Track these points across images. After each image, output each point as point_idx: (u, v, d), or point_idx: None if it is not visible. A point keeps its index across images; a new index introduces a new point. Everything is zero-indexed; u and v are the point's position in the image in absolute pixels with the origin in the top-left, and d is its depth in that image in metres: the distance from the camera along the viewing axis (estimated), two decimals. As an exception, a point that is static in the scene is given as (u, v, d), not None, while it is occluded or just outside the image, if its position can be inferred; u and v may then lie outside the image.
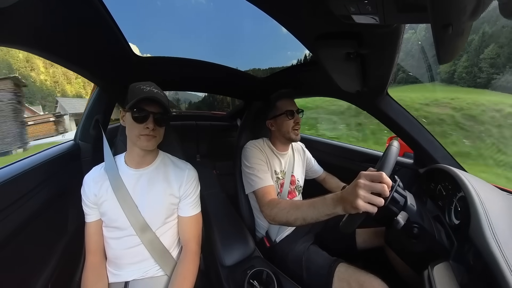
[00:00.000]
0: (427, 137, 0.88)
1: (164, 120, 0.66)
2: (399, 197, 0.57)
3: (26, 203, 0.66)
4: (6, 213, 0.59)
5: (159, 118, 0.64)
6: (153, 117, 0.62)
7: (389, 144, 0.61)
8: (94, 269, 0.67)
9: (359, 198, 0.46)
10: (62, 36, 0.61)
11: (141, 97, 0.60)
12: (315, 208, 0.59)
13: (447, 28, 0.29)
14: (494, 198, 0.56)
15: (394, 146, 0.59)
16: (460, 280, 0.49)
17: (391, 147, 0.59)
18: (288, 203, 0.69)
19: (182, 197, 0.73)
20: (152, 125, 0.62)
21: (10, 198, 0.61)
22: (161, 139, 0.69)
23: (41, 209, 0.72)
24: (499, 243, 0.41)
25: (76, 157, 0.99)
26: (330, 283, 0.65)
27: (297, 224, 0.64)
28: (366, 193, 0.46)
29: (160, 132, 0.66)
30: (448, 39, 0.32)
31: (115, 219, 0.66)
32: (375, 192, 0.46)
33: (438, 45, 0.33)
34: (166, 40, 23.92)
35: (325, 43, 0.52)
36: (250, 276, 0.59)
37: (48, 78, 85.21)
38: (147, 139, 0.63)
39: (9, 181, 0.61)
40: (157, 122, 0.64)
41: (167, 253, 0.71)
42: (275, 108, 0.94)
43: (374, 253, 0.85)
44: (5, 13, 0.43)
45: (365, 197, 0.46)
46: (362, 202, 0.46)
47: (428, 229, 0.59)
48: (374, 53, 0.53)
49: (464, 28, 0.30)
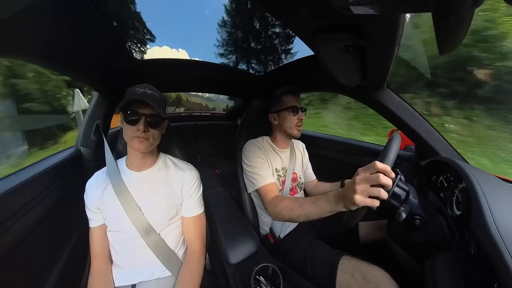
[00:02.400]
0: (428, 129, 0.88)
1: (157, 122, 0.64)
2: (400, 191, 0.58)
3: (30, 210, 0.66)
4: (11, 221, 0.59)
5: (151, 120, 0.63)
6: (144, 119, 0.61)
7: (390, 138, 0.61)
8: (100, 274, 0.67)
9: (356, 193, 0.47)
10: (60, 43, 0.61)
11: (130, 99, 0.60)
12: (317, 205, 0.61)
13: (448, 16, 0.29)
14: (496, 189, 0.56)
15: (395, 139, 0.59)
16: (461, 269, 0.50)
17: (392, 140, 0.58)
18: (291, 201, 0.71)
19: (184, 197, 0.74)
20: (143, 127, 0.61)
21: (14, 207, 0.61)
22: (157, 141, 0.68)
23: (45, 216, 0.73)
24: (500, 233, 0.41)
25: (78, 163, 0.99)
26: (334, 275, 0.66)
27: (300, 221, 0.66)
28: (364, 187, 0.47)
29: (153, 134, 0.65)
30: (449, 28, 0.31)
31: (119, 222, 0.66)
32: (375, 184, 0.46)
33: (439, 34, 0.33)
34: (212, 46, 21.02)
35: (323, 37, 0.52)
36: (256, 272, 0.60)
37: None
38: (139, 141, 0.62)
39: (13, 190, 0.62)
40: (149, 124, 0.63)
41: (173, 254, 0.71)
42: (280, 102, 0.94)
43: (377, 246, 0.85)
44: (3, 24, 0.42)
45: (362, 191, 0.46)
46: (359, 197, 0.46)
47: (429, 220, 0.59)
48: (374, 45, 0.52)
49: (466, 16, 0.30)
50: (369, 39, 0.49)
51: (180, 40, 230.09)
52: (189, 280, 0.66)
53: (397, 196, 0.57)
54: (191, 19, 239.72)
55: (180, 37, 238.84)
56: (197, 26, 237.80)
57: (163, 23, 18.37)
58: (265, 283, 0.58)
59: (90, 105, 1.04)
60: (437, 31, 0.32)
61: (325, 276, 0.69)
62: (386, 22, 0.42)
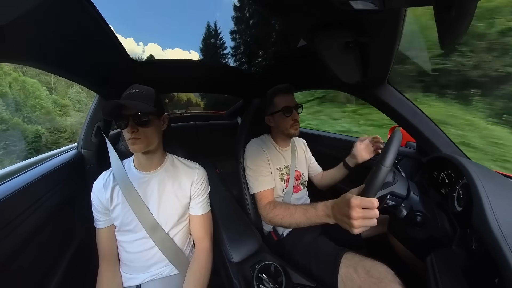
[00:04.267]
0: (430, 125, 0.87)
1: (144, 120, 0.62)
2: (396, 199, 0.61)
3: (33, 213, 0.66)
4: (15, 224, 0.59)
5: (137, 119, 0.61)
6: (132, 120, 0.61)
7: (391, 135, 0.60)
8: (108, 274, 0.67)
9: (354, 228, 0.51)
10: (58, 47, 0.61)
11: (112, 107, 0.58)
12: (307, 217, 0.65)
13: (450, 9, 0.28)
14: (497, 185, 0.56)
15: (396, 137, 0.59)
16: (462, 265, 0.50)
17: (393, 138, 0.58)
18: (283, 209, 0.74)
19: (193, 196, 0.74)
20: (130, 128, 0.60)
21: (18, 210, 0.61)
22: (153, 139, 0.66)
23: (49, 218, 0.73)
24: (501, 228, 0.41)
25: (80, 165, 0.99)
26: (337, 269, 0.67)
27: (292, 228, 0.71)
28: (360, 222, 0.50)
29: (146, 132, 0.63)
30: (451, 21, 0.31)
31: (128, 222, 0.66)
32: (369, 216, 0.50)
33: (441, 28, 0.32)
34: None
35: (322, 33, 0.51)
36: (258, 270, 0.60)
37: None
38: (132, 143, 0.62)
39: (15, 193, 0.62)
40: (137, 123, 0.61)
41: (180, 252, 0.72)
42: (272, 104, 0.93)
43: (378, 240, 0.86)
44: (3, 30, 0.42)
45: (359, 225, 0.50)
46: (358, 230, 0.51)
47: (431, 217, 0.59)
48: (374, 41, 0.51)
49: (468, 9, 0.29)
50: (370, 35, 0.49)
51: (191, 42, 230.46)
52: (199, 276, 0.67)
53: (393, 202, 0.60)
54: (201, 21, 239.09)
55: (192, 39, 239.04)
56: (208, 28, 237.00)
57: (174, 25, 18.08)
58: (268, 281, 0.58)
59: (90, 108, 1.04)
60: (438, 25, 0.32)
61: (328, 269, 0.69)
62: (387, 17, 0.42)
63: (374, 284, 0.58)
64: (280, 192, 0.94)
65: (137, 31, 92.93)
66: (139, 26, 43.99)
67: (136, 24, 36.50)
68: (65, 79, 0.81)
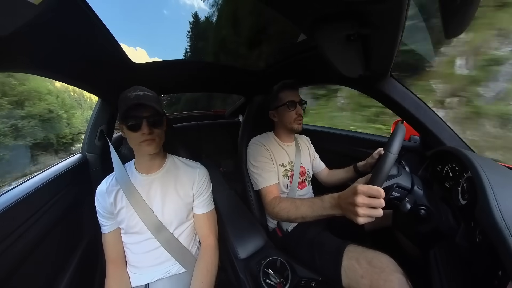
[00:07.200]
0: (434, 118, 0.86)
1: (159, 121, 0.65)
2: (401, 191, 0.60)
3: (40, 218, 0.67)
4: (22, 230, 0.60)
5: (153, 120, 0.63)
6: (146, 122, 0.61)
7: (394, 128, 0.60)
8: (116, 277, 0.68)
9: (359, 217, 0.50)
10: (59, 53, 0.61)
11: (129, 106, 0.59)
12: (313, 210, 0.64)
13: None
14: (502, 177, 0.55)
15: (400, 128, 0.58)
16: (466, 258, 0.50)
17: (397, 129, 0.58)
18: (288, 203, 0.74)
19: (196, 195, 0.75)
20: (147, 129, 0.61)
21: (25, 215, 0.62)
22: (163, 139, 0.68)
23: (55, 222, 0.74)
24: (505, 221, 0.41)
25: (85, 169, 1.00)
26: (340, 261, 0.67)
27: (298, 221, 0.70)
28: (366, 210, 0.49)
29: (158, 133, 0.65)
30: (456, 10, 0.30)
31: (134, 225, 0.67)
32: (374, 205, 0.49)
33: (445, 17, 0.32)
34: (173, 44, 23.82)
35: (323, 26, 0.50)
36: (264, 265, 0.61)
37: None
38: (148, 144, 0.63)
39: (22, 199, 0.63)
40: (152, 124, 0.63)
41: (186, 251, 0.73)
42: (277, 98, 0.94)
43: (382, 233, 0.86)
44: (4, 40, 0.43)
45: (364, 214, 0.50)
46: (363, 219, 0.50)
47: (435, 210, 0.59)
48: (376, 32, 0.50)
49: None
50: (372, 27, 0.48)
51: (138, 39, 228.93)
52: (206, 273, 0.68)
53: (398, 198, 0.59)
54: (148, 19, 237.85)
55: (138, 36, 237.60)
56: (155, 26, 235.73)
57: (120, 22, 17.85)
58: (274, 276, 0.59)
59: (93, 111, 1.05)
60: (443, 14, 0.31)
61: (331, 261, 0.70)
62: (390, 7, 0.41)
63: (376, 273, 0.58)
64: (284, 188, 0.94)
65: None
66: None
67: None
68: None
